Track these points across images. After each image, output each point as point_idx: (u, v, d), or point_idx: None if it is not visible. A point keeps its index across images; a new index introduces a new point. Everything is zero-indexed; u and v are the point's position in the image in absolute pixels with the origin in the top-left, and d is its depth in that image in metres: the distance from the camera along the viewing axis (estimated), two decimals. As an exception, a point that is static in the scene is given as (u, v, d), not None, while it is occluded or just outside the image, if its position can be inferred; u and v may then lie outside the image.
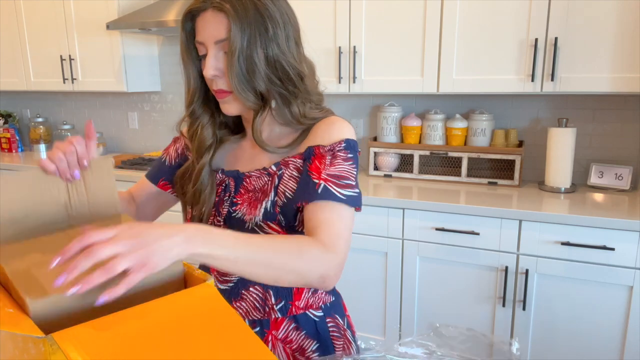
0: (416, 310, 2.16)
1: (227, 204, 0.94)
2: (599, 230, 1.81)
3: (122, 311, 0.57)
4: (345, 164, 0.87)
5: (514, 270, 1.95)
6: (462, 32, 2.12)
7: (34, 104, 3.71)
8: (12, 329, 0.52)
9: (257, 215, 0.89)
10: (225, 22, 0.82)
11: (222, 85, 0.86)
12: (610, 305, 1.85)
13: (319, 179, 0.84)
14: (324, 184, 0.84)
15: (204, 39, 0.85)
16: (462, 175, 2.35)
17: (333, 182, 0.84)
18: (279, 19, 0.84)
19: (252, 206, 0.90)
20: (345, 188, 0.84)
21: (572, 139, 2.13)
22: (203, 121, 0.95)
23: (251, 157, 0.96)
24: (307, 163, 0.88)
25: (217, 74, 0.85)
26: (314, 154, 0.88)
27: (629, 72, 1.91)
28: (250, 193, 0.92)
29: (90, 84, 3.00)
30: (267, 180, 0.91)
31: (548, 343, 1.98)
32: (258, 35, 0.83)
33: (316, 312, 0.97)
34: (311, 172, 0.86)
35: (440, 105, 2.51)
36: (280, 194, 0.89)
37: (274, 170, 0.91)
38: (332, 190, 0.83)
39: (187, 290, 0.64)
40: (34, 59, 3.13)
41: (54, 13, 2.97)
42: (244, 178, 0.94)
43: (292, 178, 0.89)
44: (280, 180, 0.90)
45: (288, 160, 0.91)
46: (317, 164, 0.87)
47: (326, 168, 0.86)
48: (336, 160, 0.87)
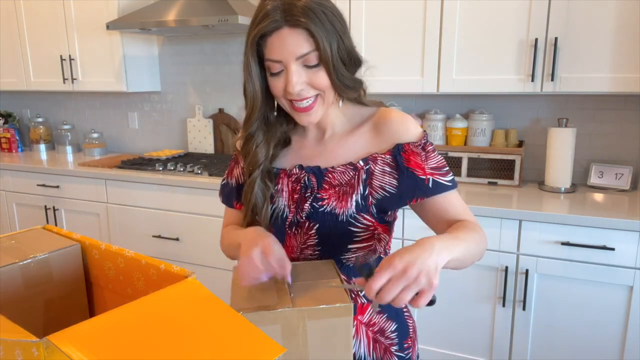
0: (416, 311, 2.16)
1: (310, 200, 0.96)
2: (599, 230, 1.81)
3: (114, 309, 0.57)
4: (436, 155, 0.96)
5: (514, 270, 1.95)
6: (462, 32, 2.12)
7: (34, 104, 3.71)
8: (1, 335, 0.52)
9: (350, 208, 0.94)
10: (304, 36, 0.85)
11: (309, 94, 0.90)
12: (610, 305, 1.85)
13: (424, 174, 0.93)
14: (431, 178, 0.93)
15: (283, 57, 0.86)
16: (462, 175, 2.35)
17: (438, 174, 0.94)
18: (338, 15, 0.89)
19: (342, 200, 0.94)
20: (447, 174, 0.95)
21: (572, 139, 2.13)
22: (257, 140, 0.97)
23: (329, 151, 0.99)
24: (400, 159, 0.94)
25: (303, 87, 0.88)
26: (404, 151, 0.94)
27: (629, 72, 1.91)
28: (337, 187, 0.95)
29: (90, 84, 3.00)
30: (353, 174, 0.95)
31: (548, 343, 1.98)
32: (336, 36, 0.87)
33: None
34: (414, 169, 0.93)
35: (440, 105, 2.51)
36: (376, 188, 0.94)
37: (361, 165, 0.95)
38: (441, 182, 0.93)
39: (174, 285, 0.65)
40: (34, 59, 3.14)
41: (54, 13, 2.97)
42: (326, 173, 0.97)
43: (387, 174, 0.95)
44: (371, 176, 0.95)
45: (376, 156, 0.95)
46: (414, 160, 0.93)
47: (427, 163, 0.93)
48: (429, 154, 0.95)
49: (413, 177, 0.93)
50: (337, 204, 0.94)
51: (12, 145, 3.52)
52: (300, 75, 0.87)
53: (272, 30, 0.85)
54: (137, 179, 2.63)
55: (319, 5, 0.85)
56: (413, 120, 0.97)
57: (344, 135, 0.99)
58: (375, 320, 1.01)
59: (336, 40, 0.87)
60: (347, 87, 0.92)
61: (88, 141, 3.30)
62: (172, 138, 3.27)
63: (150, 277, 0.74)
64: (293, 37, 0.85)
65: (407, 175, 0.93)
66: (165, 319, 0.58)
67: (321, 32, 0.85)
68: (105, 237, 2.81)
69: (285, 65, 0.87)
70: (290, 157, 1.02)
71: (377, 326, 1.01)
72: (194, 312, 0.60)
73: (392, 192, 0.94)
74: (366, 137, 0.98)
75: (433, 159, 0.94)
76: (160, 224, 2.64)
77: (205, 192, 2.48)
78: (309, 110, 0.92)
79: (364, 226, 0.95)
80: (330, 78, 0.89)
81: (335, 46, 0.87)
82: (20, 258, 0.79)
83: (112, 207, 2.76)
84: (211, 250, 2.49)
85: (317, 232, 0.96)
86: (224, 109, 3.07)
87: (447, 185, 0.94)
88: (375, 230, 0.96)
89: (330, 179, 0.96)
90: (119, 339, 0.53)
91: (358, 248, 0.96)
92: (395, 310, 1.03)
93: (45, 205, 2.96)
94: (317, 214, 0.95)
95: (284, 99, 0.92)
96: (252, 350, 0.57)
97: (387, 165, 0.95)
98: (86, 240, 0.84)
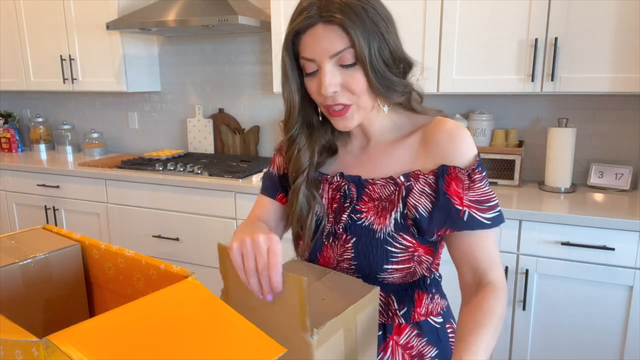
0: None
1: (348, 210, 0.91)
2: (599, 230, 1.81)
3: (114, 309, 0.57)
4: (484, 186, 0.86)
5: (514, 270, 1.95)
6: (462, 32, 2.12)
7: (34, 104, 3.71)
8: (1, 335, 0.52)
9: (389, 226, 0.87)
10: (339, 33, 0.80)
11: (344, 100, 0.84)
12: (610, 305, 1.85)
13: (461, 205, 0.84)
14: (468, 211, 0.84)
15: (316, 55, 0.81)
16: (462, 175, 2.34)
17: (476, 208, 0.84)
18: (383, 13, 0.83)
19: (380, 216, 0.88)
20: (488, 211, 0.85)
21: (572, 139, 2.13)
22: (300, 144, 0.92)
23: (372, 161, 0.93)
24: (441, 182, 0.86)
25: (337, 89, 0.82)
26: (448, 174, 0.86)
27: (629, 72, 1.91)
28: (376, 201, 0.89)
29: (90, 84, 3.00)
30: (393, 189, 0.89)
31: (548, 343, 1.98)
32: (377, 35, 0.81)
33: (436, 318, 0.98)
34: (451, 197, 0.85)
35: (440, 105, 2.51)
36: (410, 207, 0.87)
37: (402, 180, 0.88)
38: (478, 218, 0.84)
39: (174, 285, 0.65)
40: (34, 59, 3.14)
41: (54, 13, 2.97)
42: (366, 185, 0.91)
43: (425, 194, 0.87)
44: (410, 193, 0.88)
45: (419, 173, 0.88)
46: (454, 187, 0.85)
47: (466, 193, 0.85)
48: (475, 184, 0.86)
49: (448, 204, 0.85)
50: (375, 219, 0.88)
51: (12, 145, 3.52)
52: (334, 76, 0.81)
53: (307, 27, 0.81)
54: (137, 179, 2.63)
55: (359, 2, 0.80)
56: (469, 138, 0.88)
57: (390, 145, 0.92)
58: (414, 343, 0.94)
59: (377, 39, 0.81)
60: (389, 89, 0.85)
61: (88, 141, 3.30)
62: (172, 138, 3.27)
63: (150, 277, 0.74)
64: (327, 34, 0.80)
65: (442, 202, 0.85)
66: (165, 319, 0.58)
67: (357, 30, 0.79)
68: (105, 237, 2.81)
69: (319, 64, 0.82)
70: (334, 164, 0.96)
71: (415, 350, 0.94)
72: (194, 312, 0.60)
73: (422, 215, 0.86)
74: (413, 149, 0.90)
75: (477, 190, 0.85)
76: (160, 224, 2.64)
77: (205, 192, 2.48)
78: (344, 114, 0.85)
79: (403, 247, 0.87)
80: (367, 79, 0.82)
81: (375, 45, 0.81)
82: (20, 258, 0.79)
83: (112, 207, 2.76)
84: (211, 250, 2.49)
85: (354, 246, 0.89)
86: (224, 109, 3.06)
87: (483, 223, 0.84)
88: (416, 252, 0.88)
89: (370, 191, 0.90)
90: (118, 339, 0.53)
91: (395, 269, 0.88)
92: (437, 334, 0.97)
93: (45, 205, 2.96)
94: (354, 226, 0.90)
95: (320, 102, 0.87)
96: (252, 350, 0.57)
97: (428, 186, 0.87)
98: (86, 240, 0.84)
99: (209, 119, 3.08)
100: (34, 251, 0.81)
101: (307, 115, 0.92)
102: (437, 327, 0.97)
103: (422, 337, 0.95)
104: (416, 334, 0.94)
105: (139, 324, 0.56)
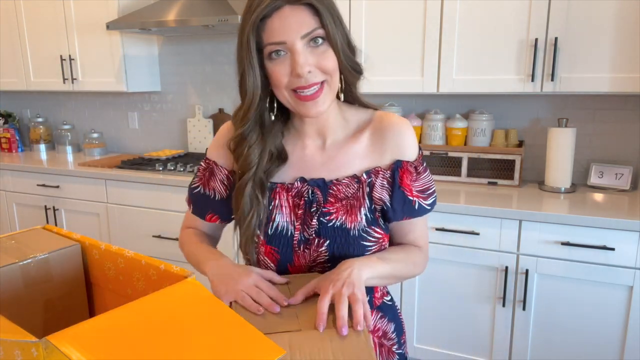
0: (416, 311, 2.16)
1: (316, 215, 0.91)
2: (598, 230, 1.80)
3: (114, 310, 0.57)
4: (427, 176, 0.96)
5: (514, 270, 1.95)
6: (462, 32, 2.12)
7: (34, 104, 3.71)
8: (1, 335, 0.52)
9: (361, 222, 0.91)
10: (307, 13, 0.80)
11: (318, 78, 0.83)
12: (610, 305, 1.85)
13: (412, 196, 0.93)
14: (417, 201, 0.94)
15: (286, 37, 0.80)
16: (462, 175, 2.35)
17: (422, 197, 0.95)
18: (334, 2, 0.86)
19: (350, 214, 0.91)
20: (429, 198, 0.96)
21: (572, 139, 2.13)
22: (251, 142, 0.90)
23: (333, 161, 0.93)
24: (396, 175, 0.93)
25: (311, 69, 0.82)
26: (401, 167, 0.93)
27: (629, 72, 1.91)
28: (343, 201, 0.91)
29: (90, 84, 3.00)
30: (357, 187, 0.92)
31: (548, 343, 1.98)
32: (338, 17, 0.84)
33: (387, 298, 1.05)
34: (404, 189, 0.93)
35: (440, 105, 2.51)
36: (376, 200, 0.93)
37: (364, 178, 0.92)
38: (423, 206, 0.95)
39: (173, 286, 0.65)
40: (34, 59, 3.13)
41: (54, 13, 2.97)
42: (331, 186, 0.92)
43: (384, 188, 0.93)
44: (373, 188, 0.92)
45: (379, 170, 0.93)
46: (406, 180, 0.93)
47: (414, 184, 0.94)
48: (420, 175, 0.95)
49: (403, 196, 0.93)
50: (346, 217, 0.90)
51: (12, 145, 3.52)
52: (307, 56, 0.81)
53: (272, 10, 0.80)
54: (137, 179, 2.63)
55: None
56: (412, 131, 0.96)
57: (345, 142, 0.94)
58: (379, 325, 1.00)
59: (339, 21, 0.84)
60: (354, 70, 0.88)
61: (88, 141, 3.30)
62: (172, 138, 3.27)
63: (150, 277, 0.74)
64: (296, 15, 0.80)
65: (398, 194, 0.92)
66: (164, 319, 0.58)
67: (325, 10, 0.81)
68: (105, 237, 2.81)
69: (289, 46, 0.81)
70: (289, 171, 0.94)
71: (380, 331, 1.00)
72: (193, 312, 0.60)
73: (387, 207, 0.93)
74: (367, 145, 0.94)
75: (420, 181, 0.95)
76: (160, 224, 2.64)
77: (205, 192, 2.48)
78: (316, 98, 0.84)
79: (375, 239, 0.92)
80: (338, 58, 0.83)
81: (339, 26, 0.83)
82: (20, 258, 0.79)
83: (112, 207, 2.76)
84: (211, 250, 2.49)
85: (328, 248, 0.91)
86: (224, 109, 3.06)
87: (426, 209, 0.95)
88: (384, 241, 0.95)
89: (336, 191, 0.91)
90: (118, 339, 0.53)
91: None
92: (392, 312, 1.04)
93: (45, 205, 2.96)
94: (326, 229, 0.90)
95: (287, 90, 0.84)
96: (251, 350, 0.57)
97: (386, 181, 0.93)
98: (86, 240, 0.84)
99: (209, 119, 3.08)
100: (34, 251, 0.81)
101: (262, 113, 0.89)
102: (390, 305, 1.05)
103: (384, 317, 1.01)
104: (380, 317, 1.01)
105: (138, 324, 0.56)
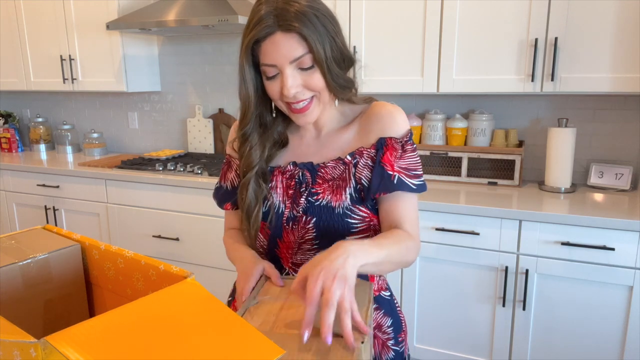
0: (416, 311, 2.16)
1: (305, 194, 0.99)
2: (598, 230, 1.80)
3: (113, 310, 0.57)
4: (414, 156, 0.98)
5: (514, 270, 1.95)
6: (462, 32, 2.12)
7: (34, 104, 3.71)
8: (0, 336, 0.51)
9: (345, 201, 0.97)
10: (297, 40, 0.87)
11: (306, 96, 0.92)
12: (610, 305, 1.85)
13: (392, 170, 0.95)
14: (397, 175, 0.95)
15: (277, 61, 0.89)
16: (462, 175, 2.35)
17: (405, 174, 0.96)
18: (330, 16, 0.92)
19: (336, 193, 0.97)
20: (415, 178, 0.97)
21: (572, 139, 2.13)
22: (252, 142, 1.00)
23: (323, 148, 1.02)
24: (380, 153, 0.96)
25: (299, 90, 0.91)
26: (385, 145, 0.97)
27: (629, 72, 1.91)
28: (330, 182, 0.99)
29: (90, 84, 3.00)
30: (343, 169, 0.98)
31: (548, 343, 1.98)
32: (328, 38, 0.90)
33: (385, 292, 1.08)
34: (384, 164, 0.96)
35: (440, 105, 2.51)
36: (358, 179, 0.98)
37: (349, 159, 0.98)
38: (406, 182, 0.96)
39: (173, 286, 0.64)
40: (34, 59, 3.14)
41: (54, 13, 2.97)
42: (319, 169, 1.00)
43: (367, 167, 0.97)
44: (356, 168, 0.98)
45: (362, 149, 0.98)
46: (388, 155, 0.96)
47: (397, 161, 0.96)
48: (406, 154, 0.97)
49: (382, 171, 0.96)
50: (332, 197, 0.97)
51: (12, 145, 3.52)
52: (295, 78, 0.90)
53: (266, 35, 0.88)
54: (137, 179, 2.63)
55: (310, 9, 0.87)
56: (403, 114, 1.00)
57: (338, 132, 1.02)
58: (374, 316, 1.03)
59: (329, 42, 0.90)
60: (342, 86, 0.95)
61: (88, 141, 3.30)
62: (172, 138, 3.27)
63: (149, 278, 0.74)
64: (286, 42, 0.87)
65: (377, 169, 0.96)
66: (164, 319, 0.58)
67: (313, 35, 0.87)
68: (105, 237, 2.82)
69: (280, 69, 0.90)
70: (287, 156, 1.04)
71: (375, 322, 1.03)
72: (193, 313, 0.60)
73: (364, 185, 0.97)
74: (356, 131, 1.01)
75: (407, 159, 0.97)
76: (160, 224, 2.64)
77: (206, 192, 2.48)
78: (306, 111, 0.94)
79: (360, 217, 0.97)
80: (325, 79, 0.91)
81: (328, 47, 0.90)
82: (20, 258, 0.79)
83: (112, 207, 2.76)
84: (211, 250, 2.49)
85: (315, 225, 0.98)
86: (224, 109, 3.06)
87: (410, 187, 0.96)
88: (372, 221, 0.99)
89: (323, 173, 0.99)
90: (117, 339, 0.53)
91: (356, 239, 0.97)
92: (390, 306, 1.07)
93: (45, 205, 2.96)
94: (313, 207, 0.98)
95: (281, 101, 0.95)
96: (251, 351, 0.57)
97: (370, 159, 0.97)
98: (86, 240, 0.84)
99: (209, 119, 3.08)
100: (34, 251, 0.81)
101: (262, 115, 1.00)
102: (388, 300, 1.08)
103: (380, 310, 1.05)
104: (375, 308, 1.04)
105: (138, 325, 0.56)
